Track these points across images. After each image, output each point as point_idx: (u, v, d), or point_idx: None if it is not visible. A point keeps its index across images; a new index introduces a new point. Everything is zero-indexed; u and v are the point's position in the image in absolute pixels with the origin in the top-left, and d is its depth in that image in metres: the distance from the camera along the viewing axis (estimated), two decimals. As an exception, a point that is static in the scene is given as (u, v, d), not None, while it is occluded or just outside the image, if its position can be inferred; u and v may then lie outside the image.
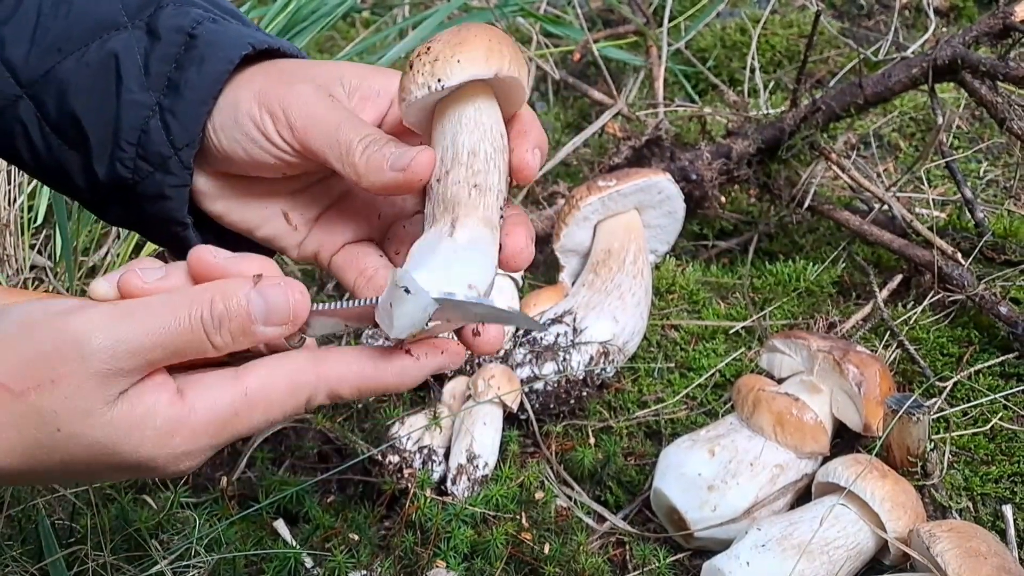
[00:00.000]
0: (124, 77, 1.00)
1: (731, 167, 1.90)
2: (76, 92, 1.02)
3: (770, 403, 1.47)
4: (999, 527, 1.46)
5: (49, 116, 1.03)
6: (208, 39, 0.99)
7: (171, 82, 0.99)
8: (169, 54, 1.00)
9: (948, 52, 1.74)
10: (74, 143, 1.03)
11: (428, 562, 1.42)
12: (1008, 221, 1.97)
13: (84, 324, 0.83)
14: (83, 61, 1.01)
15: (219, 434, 0.87)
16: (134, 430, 0.85)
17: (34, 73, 1.02)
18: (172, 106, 0.99)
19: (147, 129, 1.00)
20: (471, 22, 0.91)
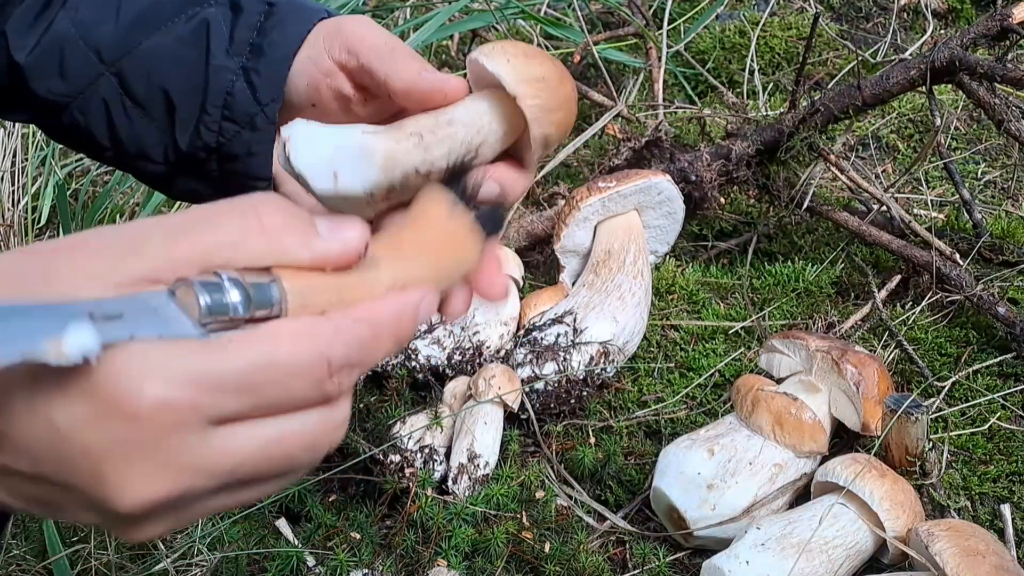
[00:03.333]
0: (212, 47, 1.05)
1: (730, 168, 1.91)
2: (165, 65, 1.05)
3: (769, 403, 1.48)
4: (997, 526, 1.47)
5: (134, 91, 1.06)
6: (286, 7, 1.05)
7: (254, 46, 1.04)
8: (251, 23, 1.05)
9: (946, 54, 1.75)
10: (157, 116, 1.06)
11: (429, 561, 1.42)
12: (1006, 222, 1.98)
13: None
14: (173, 35, 1.05)
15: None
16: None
17: (120, 50, 1.06)
18: (256, 66, 1.04)
19: (232, 91, 1.04)
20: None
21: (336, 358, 0.66)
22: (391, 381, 1.66)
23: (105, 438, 0.61)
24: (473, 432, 1.56)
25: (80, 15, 1.06)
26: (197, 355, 0.62)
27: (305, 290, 0.66)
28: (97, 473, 0.62)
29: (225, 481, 0.65)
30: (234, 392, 0.63)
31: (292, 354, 0.64)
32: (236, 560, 1.44)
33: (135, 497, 0.63)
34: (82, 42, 1.06)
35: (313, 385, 0.65)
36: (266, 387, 0.64)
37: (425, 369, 1.69)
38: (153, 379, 0.61)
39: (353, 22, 1.00)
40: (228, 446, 0.64)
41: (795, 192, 1.93)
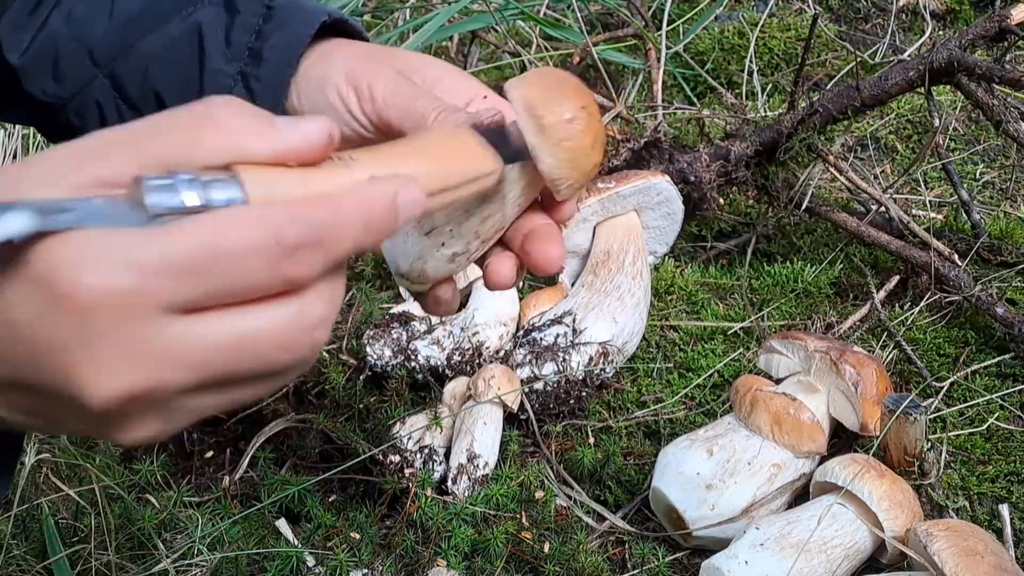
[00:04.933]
0: (207, 49, 1.02)
1: (729, 169, 1.91)
2: (158, 67, 1.03)
3: (768, 403, 1.48)
4: (996, 526, 1.47)
5: (128, 93, 1.04)
6: (286, 9, 1.02)
7: (252, 51, 1.01)
8: (249, 25, 1.01)
9: (944, 55, 1.75)
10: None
11: (429, 561, 1.43)
12: (1004, 222, 1.98)
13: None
14: (166, 35, 1.02)
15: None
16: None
17: (113, 51, 1.03)
18: (256, 73, 1.01)
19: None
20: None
21: (289, 236, 0.63)
22: (391, 381, 1.66)
23: (57, 332, 0.60)
24: (473, 432, 1.56)
25: (74, 14, 1.05)
26: (139, 240, 0.60)
27: (267, 183, 0.64)
28: (63, 369, 0.61)
29: (199, 377, 0.63)
30: (181, 276, 0.61)
31: (240, 234, 0.62)
32: (236, 560, 1.44)
33: (104, 391, 0.61)
34: (75, 42, 1.04)
35: (267, 267, 0.63)
36: (215, 270, 0.61)
37: (425, 369, 1.69)
38: (91, 265, 0.60)
39: (373, 78, 0.95)
40: (190, 337, 0.62)
41: (794, 193, 1.93)
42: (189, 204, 0.61)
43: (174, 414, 0.66)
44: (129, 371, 0.61)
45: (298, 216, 0.64)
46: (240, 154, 0.65)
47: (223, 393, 0.66)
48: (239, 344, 0.64)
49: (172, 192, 0.61)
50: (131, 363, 0.61)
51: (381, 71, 0.96)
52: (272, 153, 0.66)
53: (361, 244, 0.68)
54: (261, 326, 0.64)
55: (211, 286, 0.62)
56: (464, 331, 1.72)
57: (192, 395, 0.65)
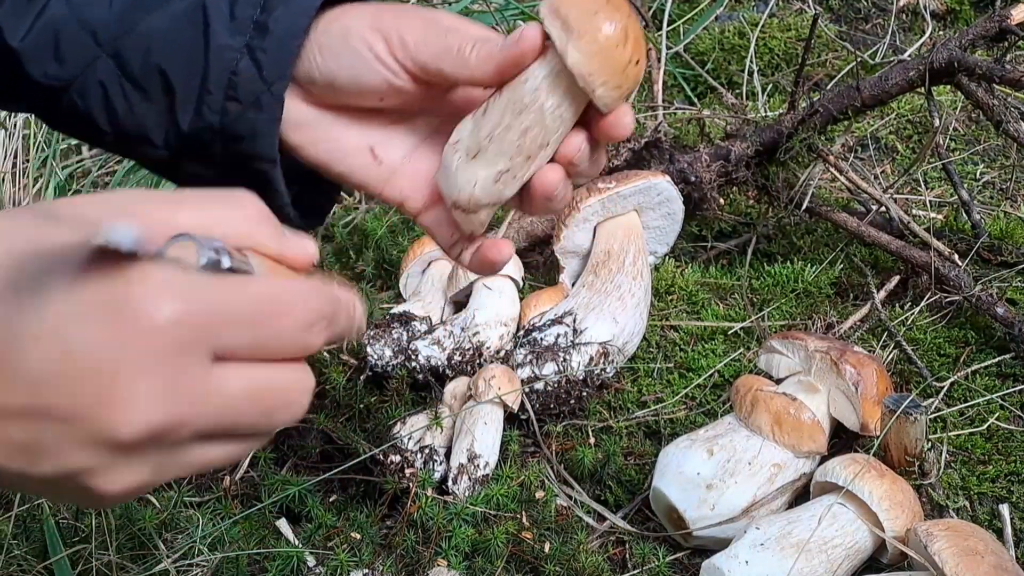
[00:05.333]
0: (212, 24, 1.02)
1: (730, 169, 1.91)
2: (162, 45, 1.03)
3: (768, 403, 1.48)
4: (996, 526, 1.47)
5: (131, 73, 1.04)
6: None
7: (258, 24, 1.01)
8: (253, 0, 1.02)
9: (945, 55, 1.75)
10: (156, 97, 1.04)
11: (429, 561, 1.43)
12: (1005, 223, 1.98)
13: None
14: (169, 12, 1.03)
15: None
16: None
17: (116, 30, 1.03)
18: (262, 44, 1.01)
19: (236, 71, 1.02)
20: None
21: (316, 310, 0.71)
22: (391, 382, 1.66)
23: (119, 351, 0.61)
24: (473, 432, 1.56)
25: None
26: (212, 283, 0.65)
27: (270, 272, 0.73)
28: (105, 390, 0.62)
29: (212, 421, 0.66)
30: (238, 323, 0.66)
31: (288, 295, 0.69)
32: (236, 560, 1.44)
33: (138, 419, 0.62)
34: (77, 23, 1.04)
35: (300, 330, 0.69)
36: (265, 324, 0.67)
37: (425, 369, 1.69)
38: (173, 294, 0.62)
39: (400, 24, 0.99)
40: (223, 382, 0.66)
41: (794, 193, 1.93)
42: (225, 267, 0.68)
43: (171, 461, 0.67)
44: (165, 404, 0.63)
45: (321, 293, 0.72)
46: (255, 244, 0.73)
47: (222, 444, 0.69)
48: (257, 397, 0.68)
49: (216, 255, 0.67)
50: (170, 396, 0.63)
51: (408, 18, 0.99)
52: (277, 252, 0.74)
53: (343, 332, 0.77)
54: (279, 383, 0.69)
55: (253, 338, 0.67)
56: (464, 331, 1.72)
57: (199, 442, 0.67)
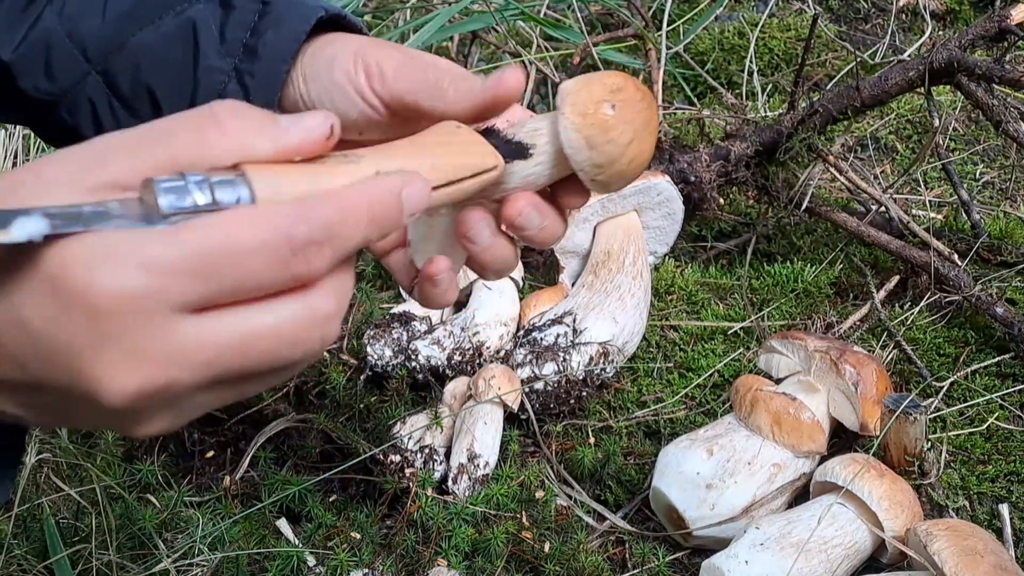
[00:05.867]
0: (201, 45, 1.02)
1: (729, 169, 1.91)
2: (151, 63, 1.02)
3: (768, 403, 1.48)
4: (995, 526, 1.47)
5: (120, 90, 1.04)
6: (282, 5, 1.01)
7: (247, 47, 1.01)
8: (244, 22, 1.01)
9: (944, 55, 1.75)
10: (144, 115, 1.03)
11: (429, 560, 1.43)
12: (1004, 223, 1.98)
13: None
14: (160, 32, 1.02)
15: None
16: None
17: (106, 47, 1.03)
18: (251, 69, 1.00)
19: (224, 93, 1.01)
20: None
21: (298, 234, 0.64)
22: (391, 382, 1.66)
23: (71, 332, 0.61)
24: (473, 432, 1.56)
25: (66, 10, 1.04)
26: (149, 241, 0.61)
27: (273, 181, 0.65)
28: (76, 369, 0.62)
29: (209, 375, 0.64)
30: (191, 275, 0.62)
31: (248, 233, 0.63)
32: (237, 560, 1.44)
33: (118, 390, 0.62)
34: (68, 39, 1.04)
35: (275, 264, 0.64)
36: (224, 269, 0.62)
37: (425, 369, 1.70)
38: (103, 267, 0.61)
39: (380, 57, 0.95)
40: (200, 336, 0.63)
41: (794, 193, 1.93)
42: (200, 204, 0.62)
43: (185, 409, 0.67)
44: (141, 370, 0.62)
45: (305, 214, 0.65)
46: (246, 154, 0.66)
47: (233, 388, 0.67)
48: (248, 342, 0.65)
49: (183, 193, 0.62)
50: (143, 362, 0.62)
51: (388, 51, 0.97)
52: (276, 150, 0.67)
53: (367, 239, 0.69)
54: (269, 323, 0.65)
55: (221, 285, 0.63)
56: (464, 331, 1.72)
57: (203, 391, 0.66)
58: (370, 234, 0.69)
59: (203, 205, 0.63)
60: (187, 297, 0.62)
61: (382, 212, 0.69)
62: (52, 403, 0.66)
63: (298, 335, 0.66)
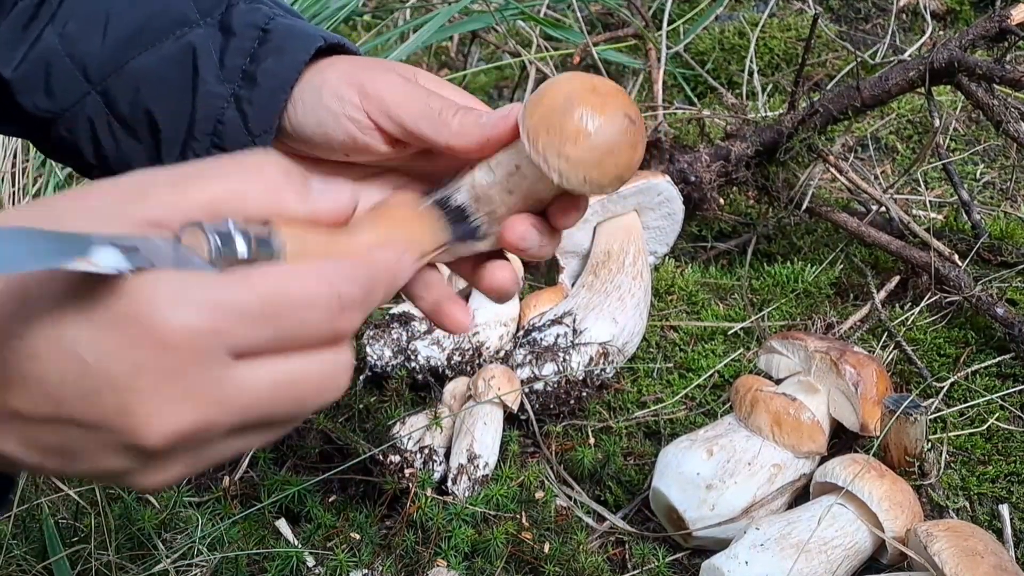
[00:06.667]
0: (201, 70, 1.02)
1: (730, 169, 1.91)
2: (151, 86, 1.03)
3: (768, 403, 1.48)
4: (996, 526, 1.47)
5: (119, 111, 1.05)
6: (282, 33, 1.02)
7: (246, 74, 1.01)
8: (244, 48, 1.02)
9: (945, 55, 1.75)
10: (143, 136, 1.05)
11: (429, 561, 1.43)
12: (1005, 223, 1.98)
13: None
14: (160, 55, 1.03)
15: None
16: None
17: (106, 68, 1.04)
18: (249, 96, 1.01)
19: (223, 119, 1.02)
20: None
21: (346, 294, 0.68)
22: (391, 382, 1.66)
23: (133, 366, 0.62)
24: (473, 433, 1.56)
25: (67, 30, 1.04)
26: (218, 285, 0.64)
27: (302, 240, 0.70)
28: (125, 404, 0.62)
29: (241, 419, 0.66)
30: (254, 322, 0.64)
31: (308, 286, 0.66)
32: (236, 560, 1.44)
33: (162, 428, 0.63)
34: (68, 59, 1.04)
35: (327, 319, 0.67)
36: (284, 319, 0.65)
37: (425, 370, 1.69)
38: (181, 305, 0.62)
39: (377, 81, 0.96)
40: (247, 380, 0.65)
41: (794, 193, 1.93)
42: (240, 253, 0.66)
43: (205, 454, 0.68)
44: (189, 410, 0.64)
45: (353, 274, 0.69)
46: (280, 211, 0.70)
47: (256, 433, 0.70)
48: (283, 389, 0.67)
49: (229, 241, 0.66)
50: (192, 403, 0.64)
51: (386, 75, 0.97)
52: (307, 213, 0.71)
53: (383, 302, 0.75)
54: (309, 373, 0.68)
55: (277, 333, 0.66)
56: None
57: (231, 436, 0.68)
58: (385, 299, 0.75)
59: (242, 254, 0.66)
60: (244, 341, 0.65)
61: (394, 279, 0.76)
62: (67, 444, 0.65)
63: (326, 384, 0.69)
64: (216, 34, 1.03)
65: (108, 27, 1.04)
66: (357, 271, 0.70)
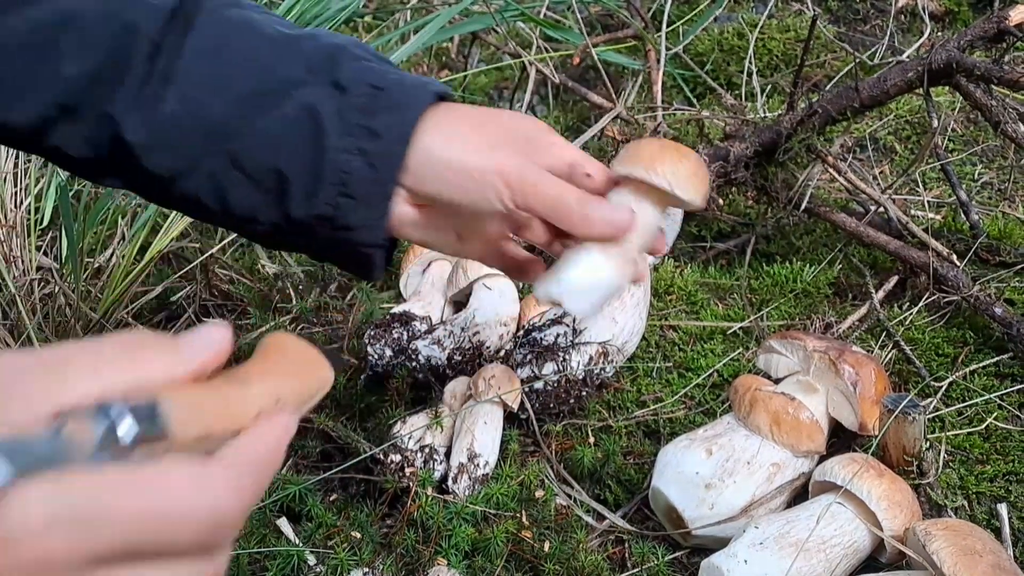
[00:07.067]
0: (326, 127, 1.09)
1: (729, 170, 1.92)
2: (276, 146, 1.09)
3: (767, 403, 1.49)
4: (994, 525, 1.48)
5: (244, 169, 1.10)
6: (394, 88, 1.11)
7: (366, 128, 1.09)
8: (359, 104, 1.09)
9: (943, 56, 1.76)
10: (269, 189, 1.12)
11: (429, 560, 1.43)
12: (1003, 223, 1.99)
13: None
14: (282, 117, 1.09)
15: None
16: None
17: (229, 131, 1.09)
18: (372, 148, 1.09)
19: (349, 170, 1.10)
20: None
21: (225, 509, 0.64)
22: (391, 381, 1.66)
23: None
24: (473, 432, 1.57)
25: (187, 94, 1.08)
26: (85, 490, 0.60)
27: (189, 407, 0.66)
28: None
29: None
30: (123, 537, 0.61)
31: (183, 505, 0.62)
32: (237, 559, 1.44)
33: None
34: (190, 122, 1.09)
35: (199, 538, 0.63)
36: (154, 534, 0.62)
37: (425, 369, 1.70)
38: (37, 518, 0.59)
39: (504, 163, 1.10)
40: None
41: (793, 193, 1.93)
42: (123, 438, 0.62)
43: None
44: None
45: (232, 485, 0.65)
46: (162, 379, 0.66)
47: None
48: None
49: (110, 424, 0.62)
50: None
51: (512, 159, 1.11)
52: (189, 372, 0.67)
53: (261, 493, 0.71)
54: None
55: (143, 547, 0.62)
56: (464, 331, 1.72)
57: None
58: (264, 488, 0.71)
59: (125, 439, 0.62)
60: (110, 552, 0.60)
61: (279, 459, 0.71)
62: None
63: None
64: (331, 91, 1.09)
65: (226, 91, 1.09)
66: (240, 478, 0.65)
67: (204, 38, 1.09)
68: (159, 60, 1.08)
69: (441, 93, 1.13)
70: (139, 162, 1.10)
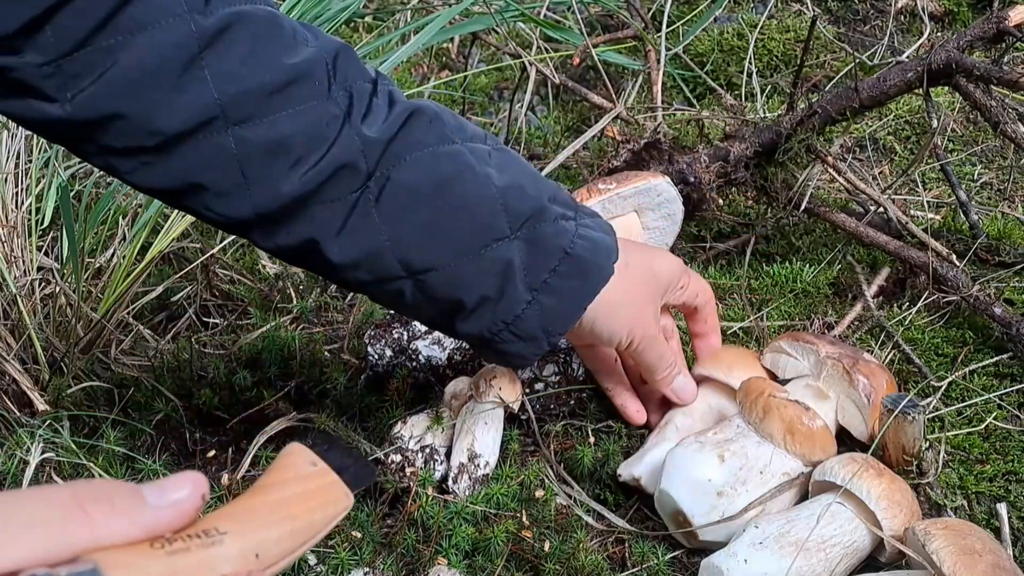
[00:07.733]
0: (514, 278, 1.25)
1: (729, 170, 1.92)
2: (467, 284, 1.25)
3: (781, 411, 1.46)
4: (993, 525, 1.48)
5: (430, 293, 1.26)
6: (582, 256, 1.28)
7: (547, 285, 1.27)
8: (548, 265, 1.26)
9: (943, 56, 1.76)
10: (444, 311, 1.30)
11: (430, 559, 1.43)
12: (1002, 223, 1.99)
13: None
14: (478, 265, 1.24)
15: None
16: None
17: (427, 267, 1.24)
18: (549, 303, 1.28)
19: (521, 315, 1.27)
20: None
21: None
22: (392, 381, 1.67)
23: None
24: (473, 432, 1.57)
25: (396, 234, 1.21)
26: None
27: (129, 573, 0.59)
28: None
29: None
30: None
31: None
32: (238, 559, 1.44)
33: None
34: (394, 255, 1.23)
35: None
36: None
37: (426, 369, 1.70)
38: None
39: (638, 330, 1.41)
40: None
41: (793, 193, 1.94)
42: None
43: None
44: None
45: None
46: (111, 540, 0.59)
47: None
48: None
49: None
50: None
51: (643, 324, 1.42)
52: (144, 534, 0.61)
53: None
54: None
55: None
56: (465, 331, 1.73)
57: None
58: None
59: None
60: None
61: None
62: None
63: None
64: (524, 247, 1.25)
65: (435, 238, 1.23)
66: None
67: (420, 177, 1.21)
68: (369, 191, 1.19)
69: (616, 257, 1.33)
70: (337, 273, 1.25)
